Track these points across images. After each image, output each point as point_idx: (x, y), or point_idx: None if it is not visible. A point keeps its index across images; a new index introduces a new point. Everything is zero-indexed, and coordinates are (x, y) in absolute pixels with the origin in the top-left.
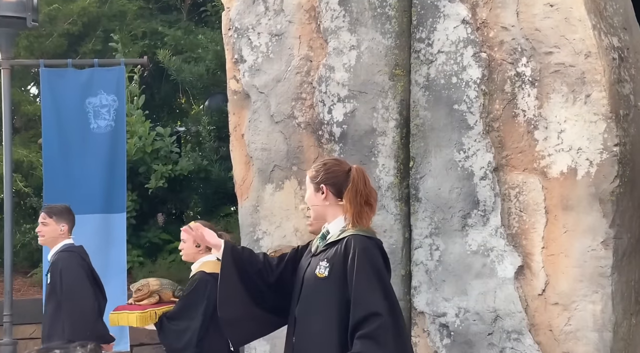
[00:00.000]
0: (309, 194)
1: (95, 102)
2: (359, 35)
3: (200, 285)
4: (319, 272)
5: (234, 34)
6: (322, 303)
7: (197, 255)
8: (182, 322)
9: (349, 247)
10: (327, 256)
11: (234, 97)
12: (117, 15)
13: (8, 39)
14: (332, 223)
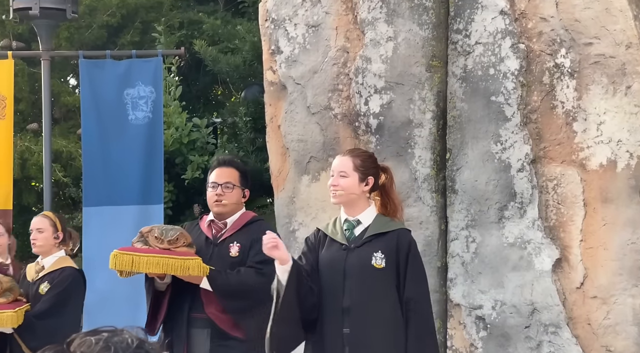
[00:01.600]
0: (349, 182)
1: (133, 93)
2: (396, 26)
3: (74, 280)
4: (375, 263)
5: (270, 25)
6: (381, 293)
7: (53, 249)
8: (55, 320)
9: (402, 241)
10: (380, 247)
11: (270, 88)
12: (155, 7)
13: (48, 30)
14: (362, 213)
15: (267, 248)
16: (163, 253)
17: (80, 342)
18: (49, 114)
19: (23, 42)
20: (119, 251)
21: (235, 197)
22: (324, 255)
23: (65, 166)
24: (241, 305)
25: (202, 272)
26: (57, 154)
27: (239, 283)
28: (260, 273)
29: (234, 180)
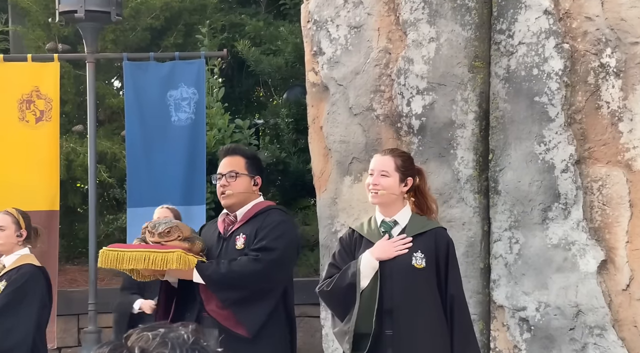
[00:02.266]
0: (391, 182)
1: (176, 94)
2: (438, 27)
3: (33, 278)
4: (416, 263)
5: (312, 27)
6: (423, 293)
7: (15, 247)
8: (9, 319)
9: (440, 240)
10: (420, 247)
11: (312, 89)
12: (198, 9)
13: (93, 33)
14: (398, 214)
15: (398, 249)
16: (149, 248)
17: (138, 337)
18: (94, 116)
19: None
20: (106, 248)
21: (242, 185)
22: None
23: (110, 167)
24: (236, 296)
25: (185, 264)
26: (102, 155)
27: (230, 271)
28: (256, 260)
29: (239, 168)
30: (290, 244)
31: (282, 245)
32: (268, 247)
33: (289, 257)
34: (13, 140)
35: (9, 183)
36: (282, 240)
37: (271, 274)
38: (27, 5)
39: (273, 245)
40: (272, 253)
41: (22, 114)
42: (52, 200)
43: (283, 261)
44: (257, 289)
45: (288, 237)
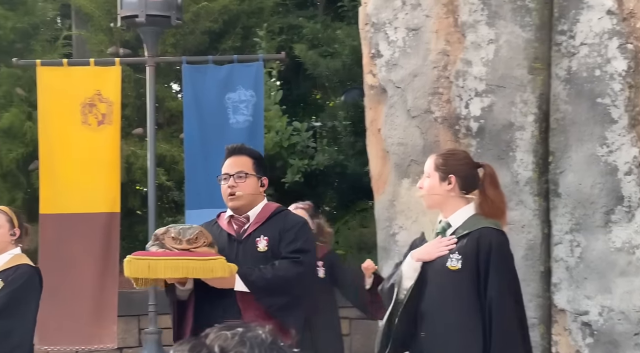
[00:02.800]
0: (431, 182)
1: (235, 97)
2: (497, 28)
3: (29, 279)
4: (450, 264)
5: (370, 29)
6: (455, 296)
7: (8, 246)
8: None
9: (483, 241)
10: (459, 249)
11: (370, 91)
12: (256, 12)
13: (153, 37)
14: (452, 216)
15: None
16: (182, 256)
17: (216, 336)
18: (154, 119)
19: (129, 49)
20: (133, 257)
21: (251, 186)
22: None
23: (169, 170)
24: (283, 302)
25: (229, 271)
26: (161, 158)
27: (276, 276)
28: (298, 262)
29: (247, 169)
30: (314, 245)
31: (312, 246)
32: (304, 248)
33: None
34: (76, 143)
35: (72, 185)
36: (311, 241)
37: (311, 275)
38: (90, 10)
39: (307, 246)
40: (310, 255)
41: (84, 117)
42: (113, 202)
43: (315, 262)
44: (300, 292)
45: (313, 238)
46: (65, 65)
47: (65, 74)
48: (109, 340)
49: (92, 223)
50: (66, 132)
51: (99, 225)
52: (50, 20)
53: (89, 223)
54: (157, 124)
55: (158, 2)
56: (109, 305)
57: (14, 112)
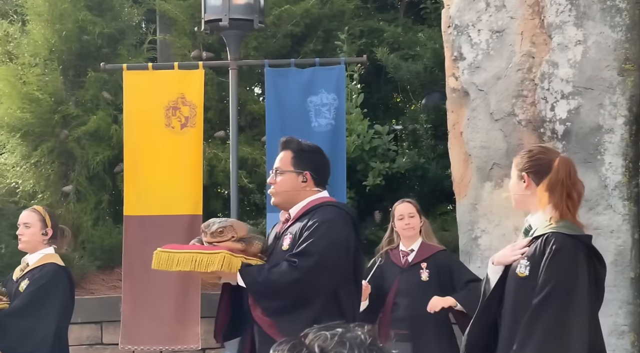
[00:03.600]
0: (511, 182)
1: (316, 100)
2: (585, 29)
3: (54, 277)
4: (519, 271)
5: (453, 32)
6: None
7: (40, 246)
8: (29, 319)
9: (546, 245)
10: (528, 254)
11: (452, 94)
12: (337, 16)
13: (236, 40)
14: (534, 216)
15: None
16: (199, 249)
17: (316, 336)
18: (236, 122)
19: (212, 53)
20: (160, 249)
21: (288, 183)
22: None
23: (250, 172)
24: (277, 305)
25: (228, 266)
26: (243, 161)
27: (267, 280)
28: (294, 267)
29: (284, 164)
30: (332, 245)
31: (321, 247)
32: (307, 251)
33: (331, 260)
34: (159, 145)
35: (155, 187)
36: (322, 242)
37: (311, 282)
38: (175, 15)
39: (312, 248)
40: (310, 259)
41: (168, 120)
42: (195, 204)
43: (324, 265)
44: (298, 297)
45: (330, 237)
46: (150, 69)
47: (150, 78)
48: (193, 340)
49: (175, 225)
50: (150, 135)
51: (182, 227)
52: (136, 25)
53: (171, 225)
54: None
55: (241, 6)
56: (192, 306)
57: (100, 115)
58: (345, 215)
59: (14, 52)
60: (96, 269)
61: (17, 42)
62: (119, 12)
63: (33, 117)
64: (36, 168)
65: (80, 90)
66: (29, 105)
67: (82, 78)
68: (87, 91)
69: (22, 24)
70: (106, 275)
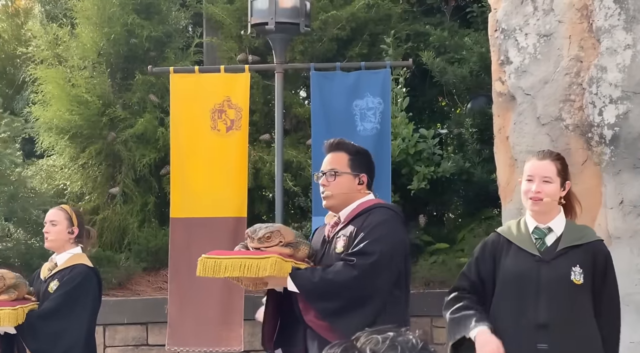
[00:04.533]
0: (553, 188)
1: (362, 104)
2: (635, 33)
3: (85, 279)
4: (575, 278)
5: (500, 35)
6: (581, 310)
7: (66, 245)
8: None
9: (599, 256)
10: (579, 262)
11: (498, 99)
12: (383, 19)
13: (282, 44)
14: (554, 220)
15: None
16: (247, 254)
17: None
18: (281, 125)
19: (258, 56)
20: (205, 256)
21: (343, 185)
22: (510, 264)
23: (295, 176)
24: (333, 306)
25: (280, 271)
26: (288, 164)
27: (323, 280)
28: (352, 265)
29: (340, 166)
30: (390, 246)
31: (380, 248)
32: (365, 250)
33: (388, 261)
34: (205, 148)
35: (200, 190)
36: (381, 242)
37: (368, 280)
38: (222, 18)
39: (370, 248)
40: (369, 258)
41: (214, 122)
42: (240, 207)
43: (381, 265)
44: (355, 297)
45: (389, 238)
46: (197, 72)
47: (196, 81)
48: (236, 342)
49: (220, 228)
50: (196, 137)
51: (227, 229)
52: (183, 28)
53: (216, 227)
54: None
55: (288, 9)
56: (235, 308)
57: (147, 118)
58: (399, 218)
59: (63, 55)
60: (142, 271)
61: (66, 45)
62: (166, 15)
63: (81, 120)
64: (84, 170)
65: (128, 92)
66: (78, 108)
67: (129, 81)
68: (135, 94)
69: (71, 27)
70: (152, 276)
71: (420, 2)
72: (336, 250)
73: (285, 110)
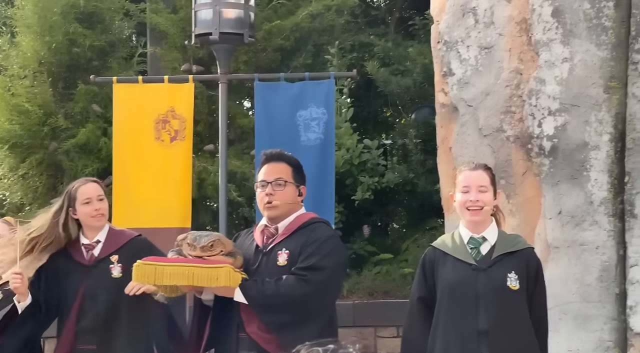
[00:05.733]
0: (488, 197)
1: (306, 115)
2: (572, 47)
3: None
4: (511, 284)
5: (442, 47)
6: (519, 315)
7: None
8: None
9: (531, 262)
10: (513, 268)
11: (442, 110)
12: (327, 30)
13: (226, 54)
14: (487, 230)
15: None
16: (191, 262)
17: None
18: (225, 135)
19: (203, 66)
20: (141, 261)
21: (289, 195)
22: (449, 275)
23: (239, 186)
24: (282, 320)
25: (233, 281)
26: (232, 174)
27: (276, 294)
28: (303, 280)
29: (286, 176)
30: (339, 262)
31: (331, 263)
32: (317, 266)
33: (337, 277)
34: (148, 158)
35: (144, 200)
36: (331, 258)
37: (320, 296)
38: (165, 28)
39: (322, 264)
40: (322, 274)
41: (157, 133)
42: (184, 218)
43: (333, 281)
44: (306, 312)
45: (336, 254)
46: (140, 82)
47: (140, 91)
48: None
49: (164, 238)
50: (139, 147)
51: (170, 240)
52: (126, 38)
53: (160, 238)
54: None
55: (232, 20)
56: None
57: (90, 128)
58: (338, 235)
59: (2, 63)
60: None
61: (5, 53)
62: (109, 25)
63: (21, 129)
64: (24, 180)
65: (70, 102)
66: (18, 117)
67: (71, 90)
68: (77, 104)
69: (11, 36)
70: None
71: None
72: (278, 263)
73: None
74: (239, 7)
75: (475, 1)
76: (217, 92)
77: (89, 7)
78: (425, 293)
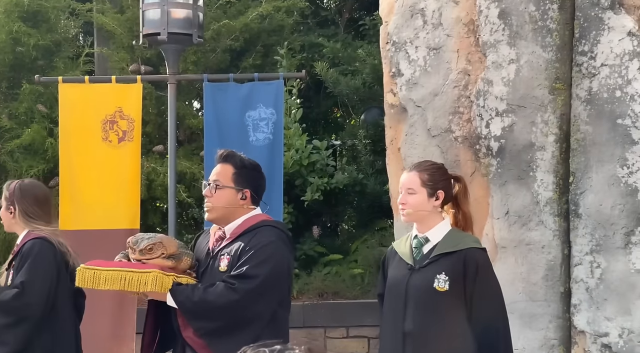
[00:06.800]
0: (418, 199)
1: (255, 115)
2: (518, 48)
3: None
4: (438, 285)
5: (391, 48)
6: (444, 317)
7: None
8: None
9: (469, 262)
10: (445, 269)
11: (390, 110)
12: (277, 30)
13: (175, 54)
14: (432, 230)
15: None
16: (127, 267)
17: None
18: (174, 136)
19: (151, 66)
20: (84, 266)
21: (225, 199)
22: (391, 275)
23: (189, 187)
24: (211, 326)
25: (160, 286)
26: (181, 175)
27: (203, 300)
28: (233, 289)
29: (223, 179)
30: (274, 270)
31: (264, 272)
32: (248, 274)
33: (271, 284)
34: (96, 159)
35: (92, 202)
36: (265, 265)
37: (249, 305)
38: (112, 28)
39: (253, 272)
40: (251, 282)
41: (105, 133)
42: (133, 219)
43: (264, 290)
44: (236, 319)
45: (274, 260)
46: (87, 82)
47: (86, 91)
48: None
49: (112, 240)
50: (87, 148)
51: (119, 241)
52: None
53: (108, 240)
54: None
55: (180, 20)
56: (127, 320)
57: (35, 128)
58: (284, 237)
59: None
60: None
61: None
62: (55, 24)
63: None
64: None
65: (14, 102)
66: None
67: (16, 90)
68: (21, 104)
69: None
70: None
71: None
72: (220, 268)
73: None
74: (187, 7)
75: (424, 2)
76: (166, 93)
77: (34, 6)
78: (382, 290)
